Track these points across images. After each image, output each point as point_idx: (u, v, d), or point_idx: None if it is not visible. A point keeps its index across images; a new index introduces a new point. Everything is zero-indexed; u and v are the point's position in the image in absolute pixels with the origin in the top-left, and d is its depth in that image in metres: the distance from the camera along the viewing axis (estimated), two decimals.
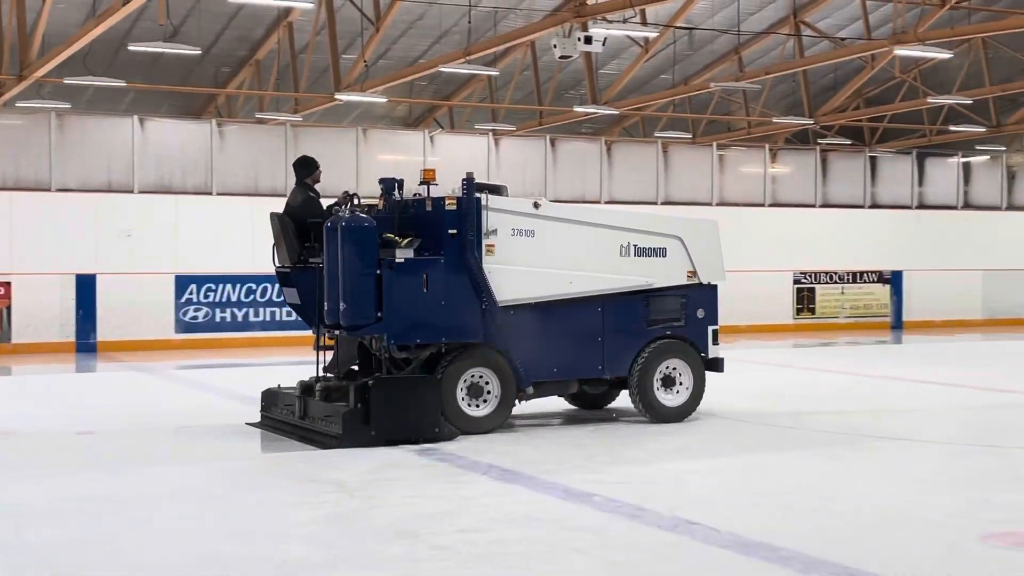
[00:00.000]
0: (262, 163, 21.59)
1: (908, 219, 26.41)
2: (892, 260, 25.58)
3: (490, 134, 23.94)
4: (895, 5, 23.17)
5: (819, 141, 33.74)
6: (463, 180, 10.45)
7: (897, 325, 25.51)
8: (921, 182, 26.90)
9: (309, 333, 11.11)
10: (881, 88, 31.85)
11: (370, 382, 9.95)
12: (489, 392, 10.49)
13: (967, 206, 27.15)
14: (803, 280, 25.03)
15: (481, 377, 10.46)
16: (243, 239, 20.88)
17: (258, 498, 8.01)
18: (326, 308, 10.28)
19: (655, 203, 24.24)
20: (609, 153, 24.45)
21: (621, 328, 11.07)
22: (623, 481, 8.42)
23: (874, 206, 26.21)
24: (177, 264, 20.37)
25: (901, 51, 23.07)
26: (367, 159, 22.07)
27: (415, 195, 10.77)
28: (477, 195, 10.43)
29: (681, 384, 11.25)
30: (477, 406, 10.44)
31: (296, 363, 17.92)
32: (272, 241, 11.06)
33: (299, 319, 11.26)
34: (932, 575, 6.11)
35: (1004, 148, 33.99)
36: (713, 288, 11.53)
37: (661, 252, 11.23)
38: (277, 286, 20.57)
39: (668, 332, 11.24)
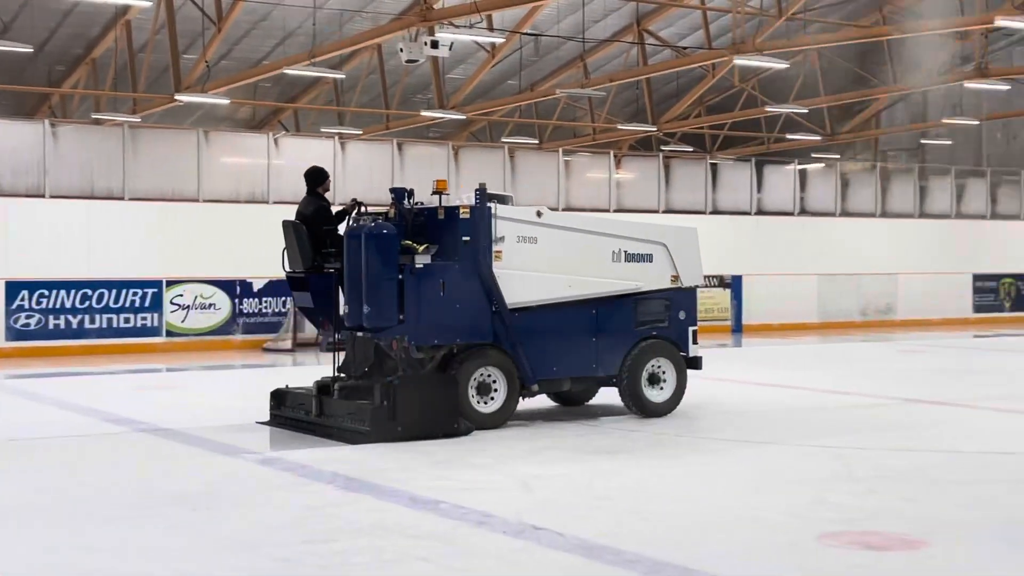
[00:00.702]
0: (98, 165, 20.90)
1: (747, 225, 27.07)
2: (732, 265, 26.18)
3: (336, 138, 23.70)
4: (734, 16, 23.76)
5: (662, 148, 34.40)
6: (476, 190, 11.07)
7: (737, 328, 26.09)
8: (760, 189, 27.61)
9: (147, 340, 10.86)
10: (722, 96, 32.66)
11: (395, 381, 10.46)
12: (496, 390, 11.06)
13: (803, 212, 27.98)
14: None
15: (490, 376, 11.05)
16: (78, 243, 20.22)
17: (98, 511, 7.73)
18: (347, 311, 10.64)
19: None
20: (457, 158, 24.46)
21: (613, 329, 11.76)
22: (470, 487, 8.39)
23: (715, 212, 26.79)
24: (8, 269, 19.59)
25: (740, 60, 23.69)
26: (209, 161, 21.59)
27: (419, 203, 11.25)
28: (488, 204, 11.04)
29: (665, 382, 11.96)
30: (485, 403, 11.00)
31: (134, 371, 17.52)
32: (284, 247, 11.43)
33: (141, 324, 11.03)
34: (772, 575, 6.25)
35: (838, 156, 35.22)
36: (693, 291, 12.28)
37: (648, 258, 11.95)
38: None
39: (654, 333, 11.95)
